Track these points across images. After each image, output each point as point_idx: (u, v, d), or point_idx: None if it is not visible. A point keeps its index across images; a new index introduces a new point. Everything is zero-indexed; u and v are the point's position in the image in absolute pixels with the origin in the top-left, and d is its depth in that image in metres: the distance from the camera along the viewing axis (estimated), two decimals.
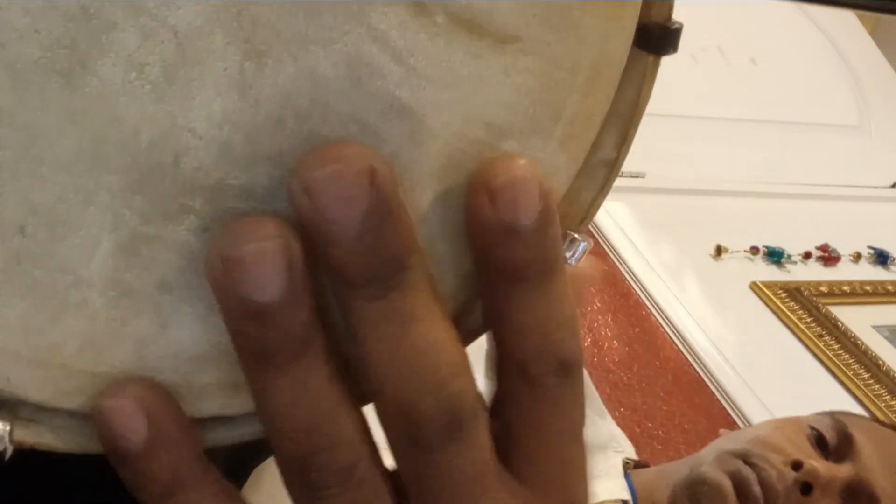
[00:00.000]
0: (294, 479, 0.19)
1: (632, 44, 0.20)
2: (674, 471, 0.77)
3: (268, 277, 0.17)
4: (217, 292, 0.17)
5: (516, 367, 0.20)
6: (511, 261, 0.19)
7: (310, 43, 0.17)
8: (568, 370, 0.20)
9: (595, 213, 0.22)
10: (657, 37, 0.21)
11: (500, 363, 0.21)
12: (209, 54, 0.16)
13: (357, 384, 0.19)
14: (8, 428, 0.18)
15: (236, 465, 0.38)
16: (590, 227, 0.23)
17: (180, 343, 0.18)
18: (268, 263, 0.17)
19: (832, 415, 0.81)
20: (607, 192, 0.22)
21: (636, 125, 0.22)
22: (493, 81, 0.19)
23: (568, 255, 0.22)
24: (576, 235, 0.22)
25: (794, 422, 0.80)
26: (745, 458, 0.72)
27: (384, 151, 0.18)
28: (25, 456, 0.18)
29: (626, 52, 0.20)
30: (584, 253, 0.22)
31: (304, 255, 0.17)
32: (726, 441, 0.77)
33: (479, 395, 0.19)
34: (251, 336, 0.17)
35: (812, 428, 0.77)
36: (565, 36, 0.19)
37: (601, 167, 0.22)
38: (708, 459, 0.74)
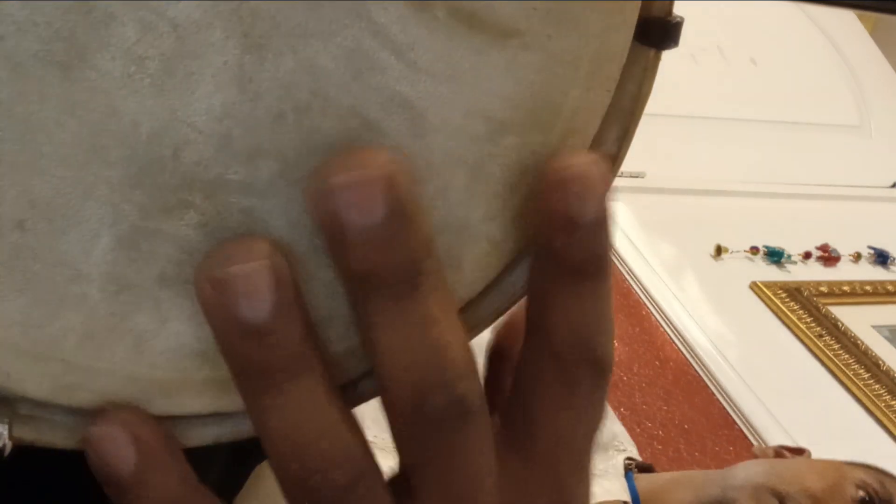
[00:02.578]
0: (296, 498, 0.19)
1: (633, 38, 0.20)
2: (697, 484, 0.74)
3: (256, 296, 0.17)
4: (207, 315, 0.17)
5: (552, 358, 0.20)
6: (571, 254, 0.19)
7: (309, 36, 0.17)
8: (602, 372, 0.21)
9: None
10: (658, 31, 0.21)
11: (533, 354, 0.21)
12: (208, 47, 0.16)
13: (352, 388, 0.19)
14: (7, 424, 0.18)
15: (236, 464, 0.38)
16: None
17: (179, 338, 0.18)
18: (255, 282, 0.17)
19: (881, 479, 0.77)
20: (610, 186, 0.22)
21: (637, 120, 0.22)
22: (493, 76, 0.18)
23: None
24: None
25: (838, 470, 0.77)
26: (782, 499, 0.71)
27: (385, 145, 0.18)
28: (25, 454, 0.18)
29: (626, 47, 0.20)
30: None
31: (293, 272, 0.18)
32: (764, 470, 0.74)
33: (482, 396, 0.20)
34: (244, 357, 0.18)
35: (861, 488, 0.74)
36: (566, 30, 0.19)
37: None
38: (739, 483, 0.72)
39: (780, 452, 0.87)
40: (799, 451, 0.88)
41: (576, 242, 0.19)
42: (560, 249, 0.19)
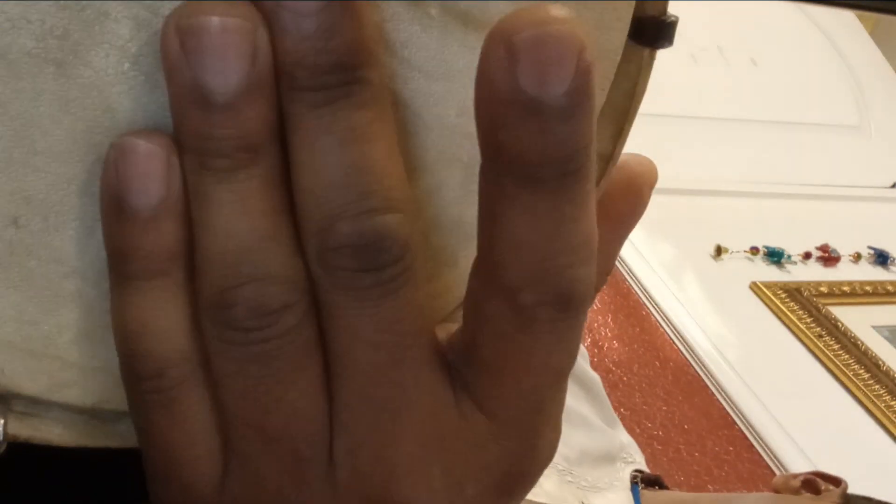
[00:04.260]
0: (210, 320, 0.16)
1: (627, 37, 0.20)
2: None
3: (230, 59, 0.14)
4: (168, 72, 0.15)
5: (504, 289, 0.16)
6: (524, 151, 0.15)
7: None
8: (567, 306, 0.16)
9: None
10: (652, 30, 0.21)
11: (484, 280, 0.17)
12: None
13: None
14: (2, 421, 0.18)
15: None
16: None
17: None
18: (231, 43, 0.14)
19: None
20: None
21: (632, 118, 0.22)
22: None
23: None
24: None
25: None
26: None
27: None
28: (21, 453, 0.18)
29: (621, 45, 0.20)
30: None
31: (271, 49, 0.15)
32: None
33: (416, 243, 0.16)
34: (197, 131, 0.15)
35: None
36: None
37: (597, 160, 0.22)
38: None
39: (810, 481, 0.79)
40: (835, 482, 0.79)
41: (533, 135, 0.15)
42: (511, 145, 0.15)
